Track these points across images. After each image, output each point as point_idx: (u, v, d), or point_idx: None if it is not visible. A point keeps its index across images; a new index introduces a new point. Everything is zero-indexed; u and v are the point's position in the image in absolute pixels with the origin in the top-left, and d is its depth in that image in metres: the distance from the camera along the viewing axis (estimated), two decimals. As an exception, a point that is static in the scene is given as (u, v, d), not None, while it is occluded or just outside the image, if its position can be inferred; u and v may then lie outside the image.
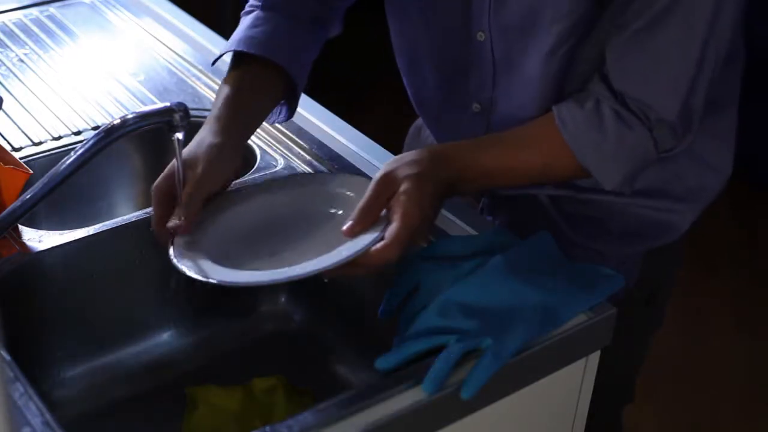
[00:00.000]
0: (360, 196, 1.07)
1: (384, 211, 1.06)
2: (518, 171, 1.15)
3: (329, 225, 1.13)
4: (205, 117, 1.42)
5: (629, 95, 1.11)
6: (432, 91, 1.33)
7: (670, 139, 1.13)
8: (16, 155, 1.29)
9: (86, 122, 1.42)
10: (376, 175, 1.07)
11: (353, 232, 1.04)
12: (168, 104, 1.13)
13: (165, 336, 1.30)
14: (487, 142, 1.17)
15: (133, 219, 1.23)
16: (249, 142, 1.38)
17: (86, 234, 1.20)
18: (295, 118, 1.43)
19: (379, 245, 1.02)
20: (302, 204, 1.17)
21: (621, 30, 1.11)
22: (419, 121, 1.45)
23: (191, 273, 1.05)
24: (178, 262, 1.07)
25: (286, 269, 1.05)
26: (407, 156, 1.09)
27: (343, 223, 1.06)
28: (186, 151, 1.13)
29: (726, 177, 1.31)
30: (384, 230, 1.03)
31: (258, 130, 1.40)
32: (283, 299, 1.37)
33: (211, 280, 1.04)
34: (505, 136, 1.16)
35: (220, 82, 1.50)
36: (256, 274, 1.05)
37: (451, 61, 1.27)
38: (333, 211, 1.15)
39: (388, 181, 1.06)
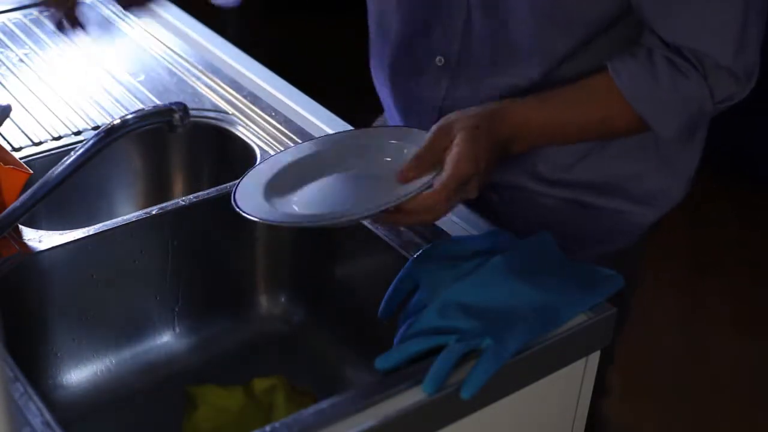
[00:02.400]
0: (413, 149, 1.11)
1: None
2: (575, 126, 1.17)
3: (380, 172, 1.15)
4: (204, 117, 1.43)
5: (684, 46, 1.12)
6: (394, 47, 1.32)
7: (729, 86, 1.14)
8: (16, 155, 1.29)
9: (86, 122, 1.42)
10: (433, 128, 1.09)
11: (406, 178, 1.07)
12: (168, 104, 1.13)
13: (165, 336, 1.30)
14: (543, 98, 1.17)
15: (133, 219, 1.22)
16: (248, 141, 1.38)
17: (86, 234, 1.20)
18: (295, 118, 1.43)
19: (428, 192, 1.04)
20: (357, 154, 1.19)
21: None
22: (377, 122, 1.46)
23: (248, 213, 1.08)
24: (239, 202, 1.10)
25: (332, 212, 1.07)
26: (464, 111, 1.11)
27: (394, 173, 1.09)
28: None
29: (686, 185, 1.32)
30: (434, 176, 1.05)
31: (257, 129, 1.40)
32: (283, 299, 1.37)
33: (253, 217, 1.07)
34: (561, 92, 1.17)
35: (220, 82, 1.51)
36: (305, 215, 1.08)
37: (418, 9, 1.26)
38: (387, 160, 1.16)
39: (444, 131, 1.08)
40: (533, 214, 1.32)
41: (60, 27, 1.36)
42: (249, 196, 1.12)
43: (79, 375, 1.24)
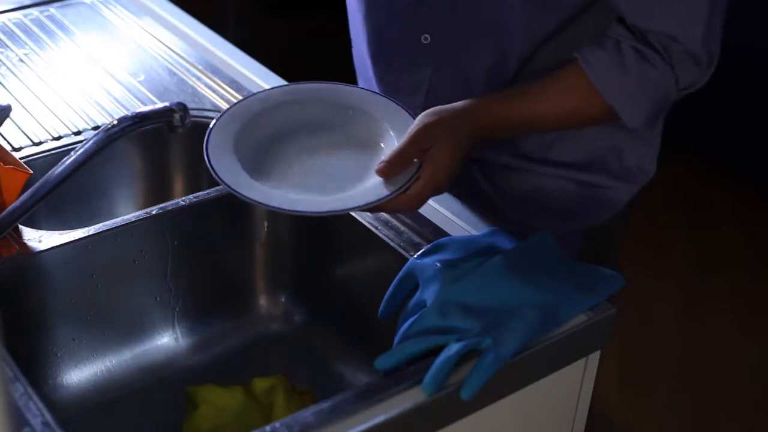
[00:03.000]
0: (397, 133, 1.15)
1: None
2: (549, 117, 1.20)
3: (360, 151, 1.17)
4: (205, 117, 1.43)
5: (653, 30, 1.14)
6: (385, 28, 1.33)
7: (692, 73, 1.16)
8: (16, 155, 1.29)
9: (86, 122, 1.42)
10: (414, 126, 1.12)
11: (385, 175, 1.10)
12: (168, 104, 1.13)
13: (165, 336, 1.30)
14: (516, 92, 1.21)
15: (133, 219, 1.23)
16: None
17: (86, 234, 1.20)
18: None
19: (404, 196, 1.09)
20: (342, 123, 1.21)
21: None
22: None
23: (224, 178, 1.11)
24: (212, 161, 1.13)
25: (310, 200, 1.09)
26: (444, 111, 1.14)
27: (371, 158, 1.13)
28: None
29: (655, 159, 1.35)
30: (411, 178, 1.09)
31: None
32: (283, 299, 1.37)
33: (238, 192, 1.09)
34: (533, 85, 1.20)
35: (220, 82, 1.51)
36: (285, 198, 1.09)
37: None
38: (367, 138, 1.19)
39: (425, 134, 1.11)
40: (523, 191, 1.34)
41: None
42: (221, 146, 1.14)
43: (79, 375, 1.24)
